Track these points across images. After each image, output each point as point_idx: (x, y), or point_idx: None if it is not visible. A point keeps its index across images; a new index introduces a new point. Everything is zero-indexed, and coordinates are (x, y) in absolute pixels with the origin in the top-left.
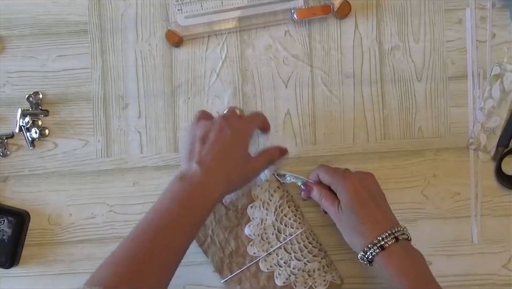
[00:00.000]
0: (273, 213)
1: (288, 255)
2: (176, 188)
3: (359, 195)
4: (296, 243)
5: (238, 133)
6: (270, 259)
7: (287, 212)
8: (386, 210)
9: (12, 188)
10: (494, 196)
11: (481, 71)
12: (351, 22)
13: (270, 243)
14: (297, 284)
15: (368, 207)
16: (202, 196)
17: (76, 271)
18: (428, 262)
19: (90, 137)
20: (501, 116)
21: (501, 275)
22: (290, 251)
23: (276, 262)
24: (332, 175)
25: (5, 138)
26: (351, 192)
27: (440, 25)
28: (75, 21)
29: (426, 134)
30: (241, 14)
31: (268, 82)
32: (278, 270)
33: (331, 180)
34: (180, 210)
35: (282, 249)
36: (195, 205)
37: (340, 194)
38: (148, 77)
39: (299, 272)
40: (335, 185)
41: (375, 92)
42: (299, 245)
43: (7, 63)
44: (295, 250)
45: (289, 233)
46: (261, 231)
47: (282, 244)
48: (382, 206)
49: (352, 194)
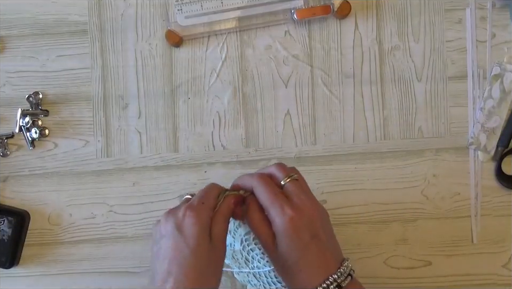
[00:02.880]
0: (239, 244)
1: (257, 281)
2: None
3: (299, 237)
4: (264, 277)
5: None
6: (242, 276)
7: (254, 248)
8: (331, 248)
9: (12, 188)
10: (494, 196)
11: (481, 71)
12: (351, 22)
13: (240, 264)
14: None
15: (308, 251)
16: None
17: (76, 271)
18: (428, 262)
19: (90, 137)
20: (501, 116)
21: (501, 275)
22: (259, 279)
23: (247, 280)
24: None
25: (5, 138)
26: (289, 233)
27: (440, 25)
28: (75, 21)
29: (426, 134)
30: (241, 14)
31: (268, 82)
32: (249, 286)
33: (267, 206)
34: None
35: (251, 275)
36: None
37: (276, 230)
38: (148, 77)
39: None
40: (271, 216)
41: (375, 92)
42: (267, 280)
43: (7, 63)
44: (263, 281)
45: (257, 266)
46: (230, 252)
47: (251, 271)
48: (327, 246)
49: (290, 235)
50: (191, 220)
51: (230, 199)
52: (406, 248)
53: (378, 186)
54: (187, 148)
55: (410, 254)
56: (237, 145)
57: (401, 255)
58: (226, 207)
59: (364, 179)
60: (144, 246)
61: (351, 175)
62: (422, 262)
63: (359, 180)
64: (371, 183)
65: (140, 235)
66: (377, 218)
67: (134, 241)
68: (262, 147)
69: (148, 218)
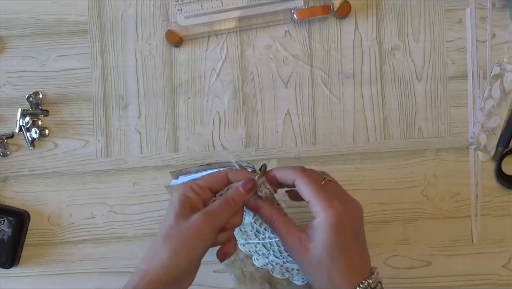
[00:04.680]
0: (251, 216)
1: (267, 251)
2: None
3: (345, 234)
4: (276, 246)
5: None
6: (249, 247)
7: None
8: (366, 252)
9: (12, 188)
10: (494, 196)
11: (481, 71)
12: (351, 22)
13: (248, 236)
14: (275, 272)
15: (349, 251)
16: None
17: (76, 271)
18: (428, 262)
19: (90, 137)
20: (501, 116)
21: (501, 275)
22: (269, 248)
23: (254, 251)
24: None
25: (5, 138)
26: (335, 228)
27: (440, 25)
28: (75, 21)
29: (426, 134)
30: (241, 14)
31: (268, 82)
32: (256, 256)
33: (313, 199)
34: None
35: (261, 244)
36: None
37: (318, 225)
38: (148, 77)
39: (276, 265)
40: (316, 209)
41: (375, 92)
42: (278, 248)
43: (7, 63)
44: (274, 250)
45: (269, 236)
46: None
47: (261, 241)
48: (365, 248)
49: (336, 231)
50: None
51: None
52: (406, 248)
53: (378, 186)
54: (187, 148)
55: (410, 254)
56: (237, 145)
57: (401, 255)
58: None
59: (364, 179)
60: (144, 246)
61: (351, 175)
62: (422, 262)
63: (359, 180)
64: (371, 183)
65: (140, 235)
66: (377, 218)
67: (134, 241)
68: (262, 147)
69: (148, 218)
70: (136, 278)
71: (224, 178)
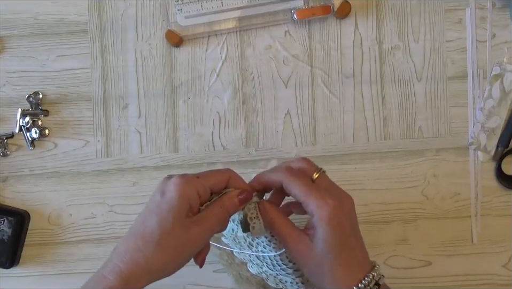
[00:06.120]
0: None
1: (260, 262)
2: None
3: (342, 229)
4: (268, 259)
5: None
6: (243, 255)
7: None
8: (364, 245)
9: (12, 188)
10: (494, 196)
11: (481, 71)
12: (351, 22)
13: (242, 246)
14: (269, 281)
15: (351, 245)
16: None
17: (76, 271)
18: (428, 262)
19: (90, 137)
20: (501, 116)
21: (501, 275)
22: (262, 260)
23: (249, 259)
24: (308, 194)
25: (5, 138)
26: (333, 224)
27: (440, 25)
28: (75, 21)
29: (426, 134)
30: (241, 14)
31: (268, 82)
32: (250, 264)
33: (305, 199)
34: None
35: (254, 256)
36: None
37: (316, 223)
38: (148, 77)
39: (270, 275)
40: (311, 209)
41: (375, 92)
42: (271, 262)
43: (7, 63)
44: (267, 262)
45: (261, 250)
46: (232, 236)
47: (254, 253)
48: (363, 242)
49: (334, 227)
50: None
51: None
52: (406, 248)
53: (378, 186)
54: (187, 148)
55: (410, 254)
56: (237, 145)
57: (401, 255)
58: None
59: (364, 179)
60: None
61: (351, 175)
62: (422, 262)
63: (359, 180)
64: (371, 183)
65: None
66: (377, 218)
67: None
68: (262, 147)
69: None
70: (112, 278)
71: (225, 182)
